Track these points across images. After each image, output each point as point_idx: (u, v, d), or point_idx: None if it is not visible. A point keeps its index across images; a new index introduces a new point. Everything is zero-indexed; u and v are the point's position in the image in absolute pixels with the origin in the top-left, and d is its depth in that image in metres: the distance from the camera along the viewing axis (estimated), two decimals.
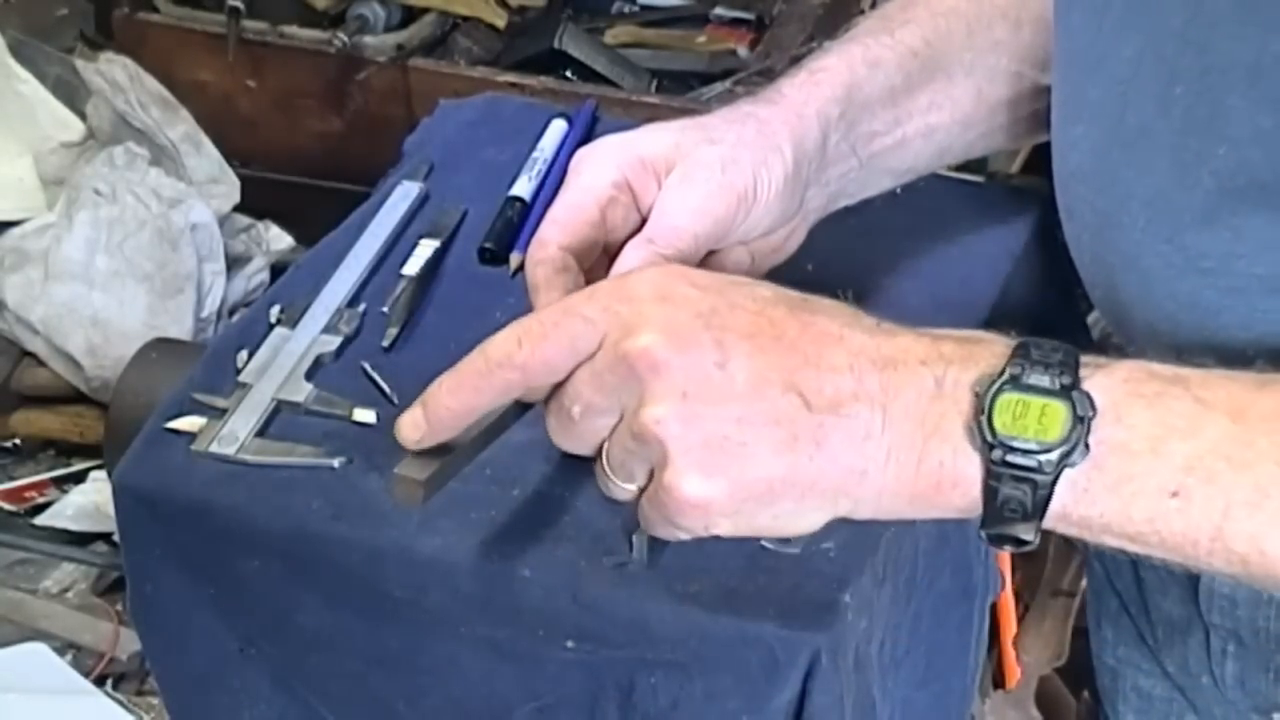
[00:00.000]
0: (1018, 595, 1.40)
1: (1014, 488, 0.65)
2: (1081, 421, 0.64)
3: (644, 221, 0.84)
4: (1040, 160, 0.88)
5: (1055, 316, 1.07)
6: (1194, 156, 0.73)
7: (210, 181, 1.68)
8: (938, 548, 0.95)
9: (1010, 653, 1.30)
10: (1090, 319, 1.07)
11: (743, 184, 0.83)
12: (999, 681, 1.35)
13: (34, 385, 1.60)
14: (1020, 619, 1.52)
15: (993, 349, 0.67)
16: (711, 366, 0.67)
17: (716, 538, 0.69)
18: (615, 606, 0.82)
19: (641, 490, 0.70)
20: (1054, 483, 0.65)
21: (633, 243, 0.82)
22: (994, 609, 1.12)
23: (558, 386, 0.71)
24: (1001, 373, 0.66)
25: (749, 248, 0.87)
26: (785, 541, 0.82)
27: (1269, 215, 0.71)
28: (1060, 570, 1.63)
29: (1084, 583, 1.23)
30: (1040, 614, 1.62)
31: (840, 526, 0.82)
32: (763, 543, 0.82)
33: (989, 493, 0.65)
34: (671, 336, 0.67)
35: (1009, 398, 0.65)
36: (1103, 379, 0.65)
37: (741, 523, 0.68)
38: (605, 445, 0.70)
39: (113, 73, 1.67)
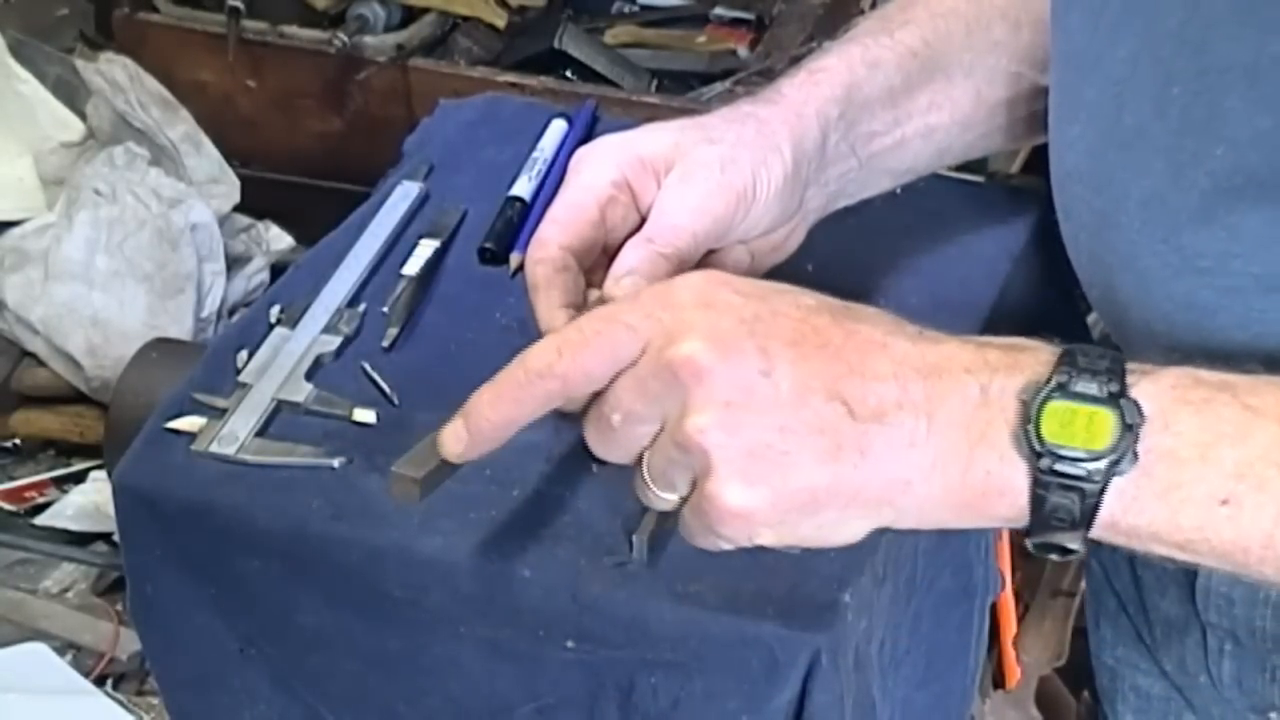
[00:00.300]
0: (1018, 595, 1.40)
1: (1062, 496, 0.64)
2: (1130, 429, 0.64)
3: (643, 221, 0.84)
4: (1040, 160, 0.88)
5: (1055, 316, 1.07)
6: (1190, 157, 0.73)
7: (210, 181, 1.68)
8: (938, 548, 0.95)
9: (1010, 653, 1.30)
10: (1090, 319, 1.06)
11: (742, 183, 0.83)
12: (999, 681, 1.35)
13: (34, 385, 1.60)
14: (1020, 619, 1.52)
15: (1038, 356, 0.67)
16: (756, 374, 0.66)
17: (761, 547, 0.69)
18: (615, 606, 0.82)
19: (683, 500, 0.69)
20: (1102, 491, 0.64)
21: (632, 242, 0.82)
22: (994, 609, 1.12)
23: (597, 394, 0.70)
24: (1048, 380, 0.65)
25: (749, 247, 0.87)
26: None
27: (1266, 214, 0.71)
28: (1060, 570, 1.63)
29: (1084, 583, 1.23)
30: (1040, 614, 1.62)
31: None
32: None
33: (1036, 501, 0.65)
34: (715, 344, 0.66)
35: (1056, 405, 0.64)
36: (1150, 386, 0.65)
37: (785, 532, 0.68)
38: (646, 454, 0.70)
39: (113, 73, 1.67)
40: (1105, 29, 0.77)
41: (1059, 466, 0.64)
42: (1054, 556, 0.66)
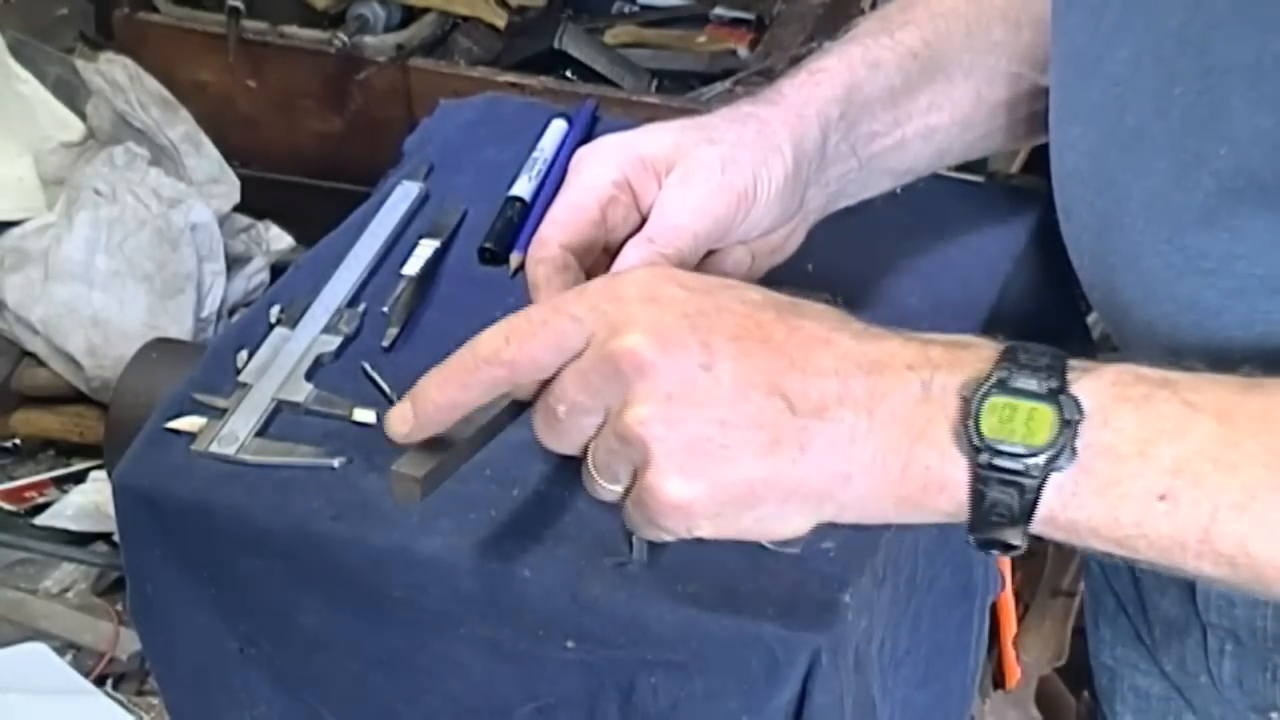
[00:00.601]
0: (1018, 595, 1.40)
1: (1001, 491, 0.65)
2: (1069, 425, 0.64)
3: (644, 221, 0.84)
4: (1040, 160, 0.88)
5: (1055, 316, 1.07)
6: (1193, 157, 0.73)
7: (210, 181, 1.68)
8: (938, 548, 0.95)
9: (1010, 653, 1.30)
10: (1090, 319, 1.06)
11: (742, 183, 0.83)
12: (999, 681, 1.35)
13: (34, 385, 1.61)
14: (1020, 619, 1.52)
15: (980, 353, 0.67)
16: (696, 368, 0.67)
17: (703, 540, 0.69)
18: (615, 606, 0.82)
19: (627, 491, 0.70)
20: (1041, 486, 0.64)
21: (633, 241, 0.82)
22: (994, 609, 1.12)
23: (545, 385, 0.71)
24: (989, 376, 0.65)
25: (749, 247, 0.87)
26: (785, 542, 0.82)
27: (1269, 216, 0.71)
28: (1060, 570, 1.63)
29: (1083, 583, 1.23)
30: (1040, 614, 1.62)
31: (840, 527, 0.82)
32: (762, 542, 0.82)
33: (976, 496, 0.65)
34: (657, 337, 0.67)
35: (996, 401, 0.65)
36: (1090, 382, 0.65)
37: (724, 525, 0.68)
38: (590, 446, 0.71)
39: (113, 73, 1.67)
40: (1106, 30, 0.77)
41: (998, 462, 0.64)
42: (996, 552, 0.66)
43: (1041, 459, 0.64)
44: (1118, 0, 0.77)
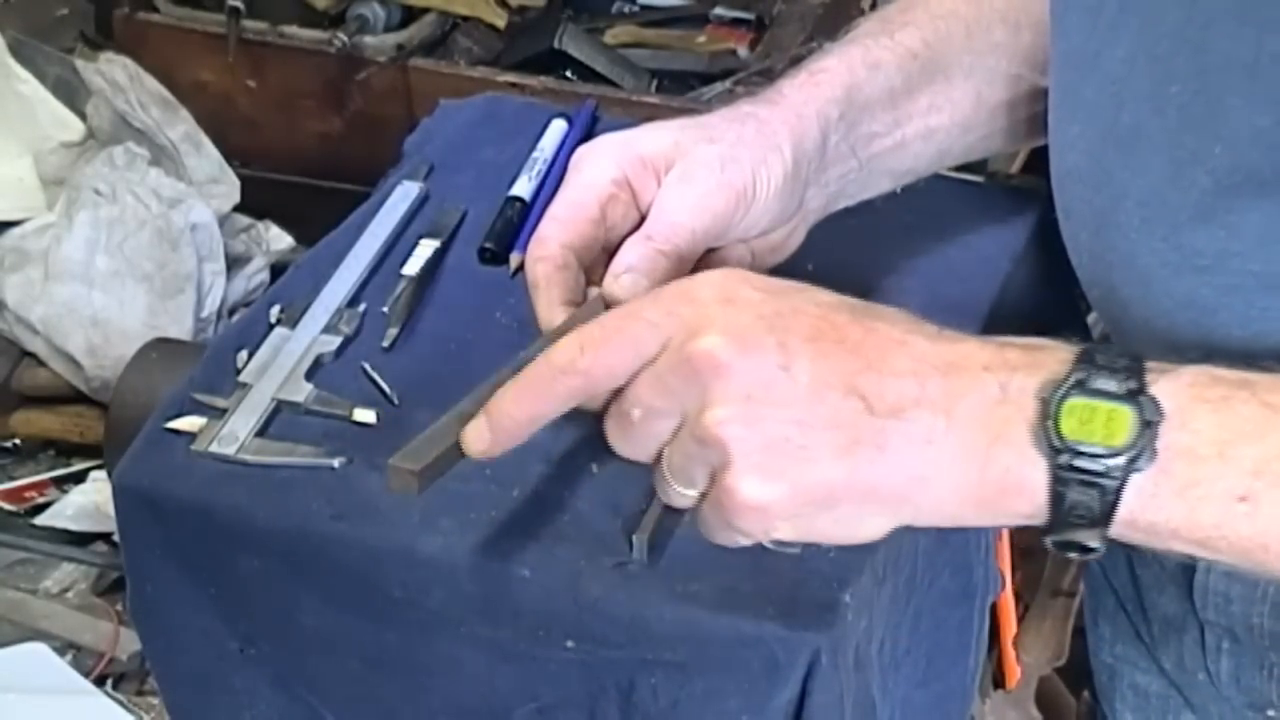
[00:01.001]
0: (1018, 595, 1.40)
1: (1081, 493, 0.64)
2: (1149, 426, 0.64)
3: (644, 219, 0.84)
4: (1039, 160, 0.88)
5: (1055, 316, 1.07)
6: (1190, 155, 0.73)
7: (210, 181, 1.68)
8: (938, 548, 0.95)
9: (1010, 653, 1.30)
10: (1090, 319, 1.06)
11: (742, 182, 0.83)
12: (999, 681, 1.35)
13: (34, 385, 1.61)
14: (1020, 619, 1.52)
15: (1057, 355, 0.67)
16: (775, 369, 0.66)
17: (780, 543, 0.69)
18: (615, 606, 0.82)
19: (702, 496, 0.70)
20: (1121, 488, 0.64)
21: (631, 239, 0.82)
22: (994, 609, 1.12)
23: (617, 391, 0.70)
24: (1067, 378, 0.65)
25: (749, 245, 0.88)
26: (786, 542, 0.82)
27: (1265, 212, 0.71)
28: (1060, 570, 1.63)
29: (1083, 582, 1.23)
30: (1040, 614, 1.62)
31: None
32: (762, 542, 0.82)
33: (1056, 498, 0.65)
34: (735, 339, 0.67)
35: (1075, 402, 0.65)
36: (1168, 384, 0.65)
37: (802, 526, 0.68)
38: (665, 450, 0.70)
39: (113, 73, 1.67)
40: (1103, 28, 0.77)
41: (1078, 463, 0.64)
42: (1074, 555, 0.66)
43: (1122, 460, 0.64)
44: (1114, 0, 0.77)
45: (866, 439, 0.66)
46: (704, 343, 0.67)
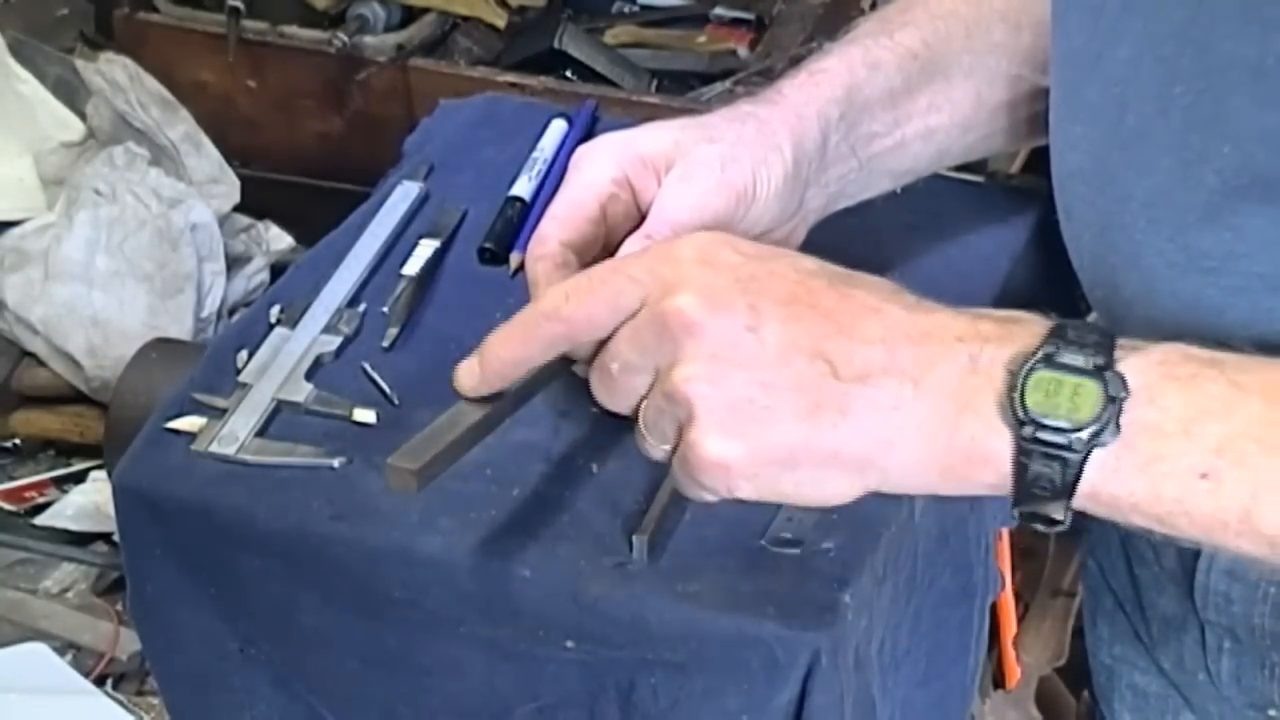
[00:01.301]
0: (1018, 595, 1.40)
1: (1044, 465, 0.65)
2: (1113, 401, 0.65)
3: (644, 219, 0.84)
4: (1040, 160, 0.88)
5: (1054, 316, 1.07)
6: (1196, 156, 0.73)
7: (210, 181, 1.68)
8: (938, 548, 0.95)
9: (1010, 653, 1.30)
10: (1090, 319, 1.06)
11: (742, 182, 0.83)
12: (999, 681, 1.34)
13: (34, 385, 1.61)
14: (1020, 619, 1.52)
15: (1030, 328, 0.68)
16: (743, 330, 0.68)
17: (740, 500, 0.71)
18: (615, 606, 0.82)
19: (674, 451, 0.71)
20: (1084, 461, 0.65)
21: (631, 238, 0.82)
22: (994, 609, 1.11)
23: (602, 344, 0.73)
24: (1036, 351, 0.66)
25: None
26: (786, 542, 0.82)
27: (1271, 214, 0.71)
28: (1060, 570, 1.63)
29: (1081, 581, 1.23)
30: (1040, 614, 1.62)
31: (840, 526, 0.82)
32: (763, 542, 0.83)
33: (1019, 469, 0.66)
34: (707, 298, 0.68)
35: (1042, 375, 0.65)
36: (1138, 360, 0.66)
37: (763, 486, 0.69)
38: (641, 405, 0.72)
39: (113, 73, 1.67)
40: (1105, 29, 0.77)
41: (1042, 435, 0.65)
42: (1040, 527, 0.67)
43: (1085, 434, 0.64)
44: (1116, 0, 0.77)
45: (829, 403, 0.67)
46: (677, 301, 0.69)
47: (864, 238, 0.96)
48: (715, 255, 0.71)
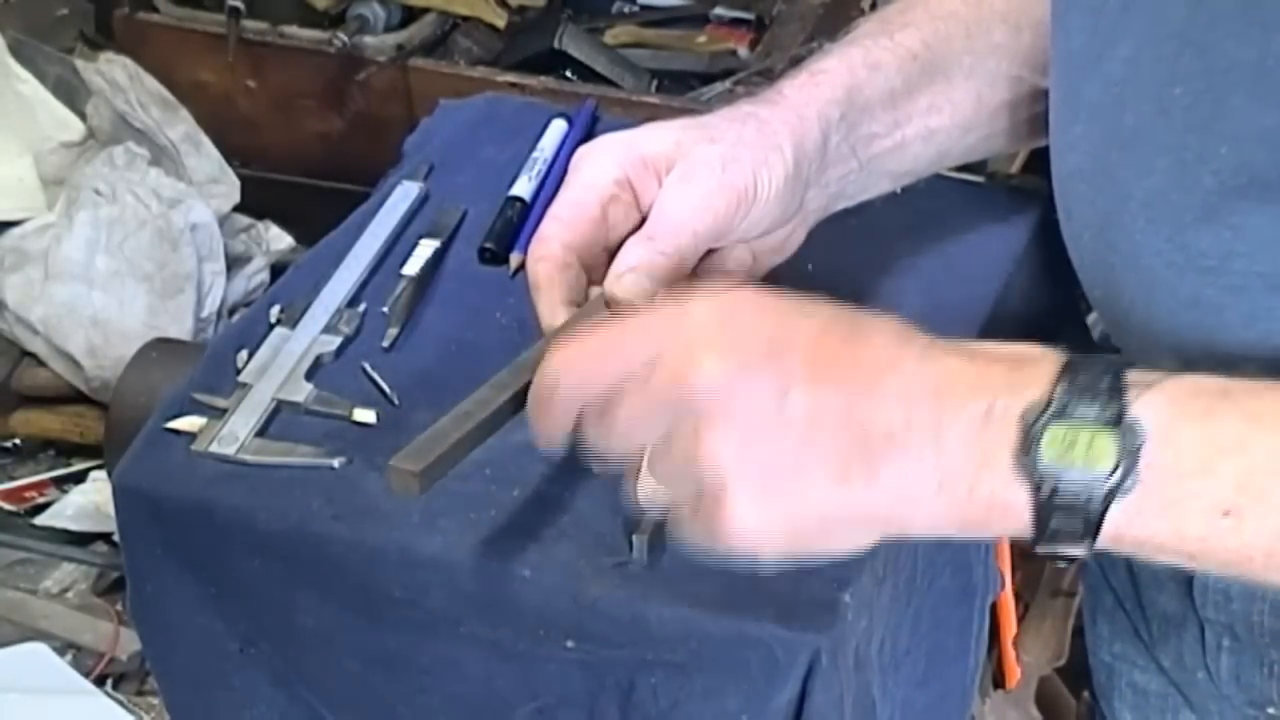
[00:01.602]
0: (1018, 595, 1.40)
1: (1064, 518, 0.65)
2: (1130, 452, 0.64)
3: (644, 220, 0.84)
4: (1040, 160, 0.88)
5: (1055, 316, 1.07)
6: (1194, 156, 0.73)
7: (210, 181, 1.68)
8: (938, 548, 0.95)
9: (1010, 653, 1.30)
10: (1090, 319, 1.06)
11: (743, 183, 0.83)
12: (999, 681, 1.34)
13: (34, 385, 1.60)
14: (1020, 619, 1.52)
15: (1040, 372, 0.66)
16: (769, 396, 0.66)
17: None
18: (615, 606, 0.82)
19: (680, 506, 0.70)
20: (1104, 511, 0.65)
21: (633, 239, 0.82)
22: (994, 609, 1.11)
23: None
24: (1048, 404, 0.65)
25: (750, 246, 0.88)
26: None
27: (1270, 213, 0.71)
28: (1060, 570, 1.63)
29: (1081, 580, 1.23)
30: (1040, 614, 1.62)
31: None
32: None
33: (1039, 520, 0.66)
34: (731, 364, 0.67)
35: (1056, 431, 0.65)
36: (1150, 400, 0.65)
37: (791, 549, 0.69)
38: (650, 458, 0.70)
39: (113, 73, 1.67)
40: (1104, 29, 0.77)
41: (1061, 488, 0.65)
42: (1061, 563, 0.67)
43: (1105, 486, 0.64)
44: (1116, 0, 0.77)
45: (858, 466, 0.66)
46: (701, 367, 0.67)
47: (864, 238, 0.96)
48: (732, 315, 0.69)
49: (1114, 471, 0.64)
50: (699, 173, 0.83)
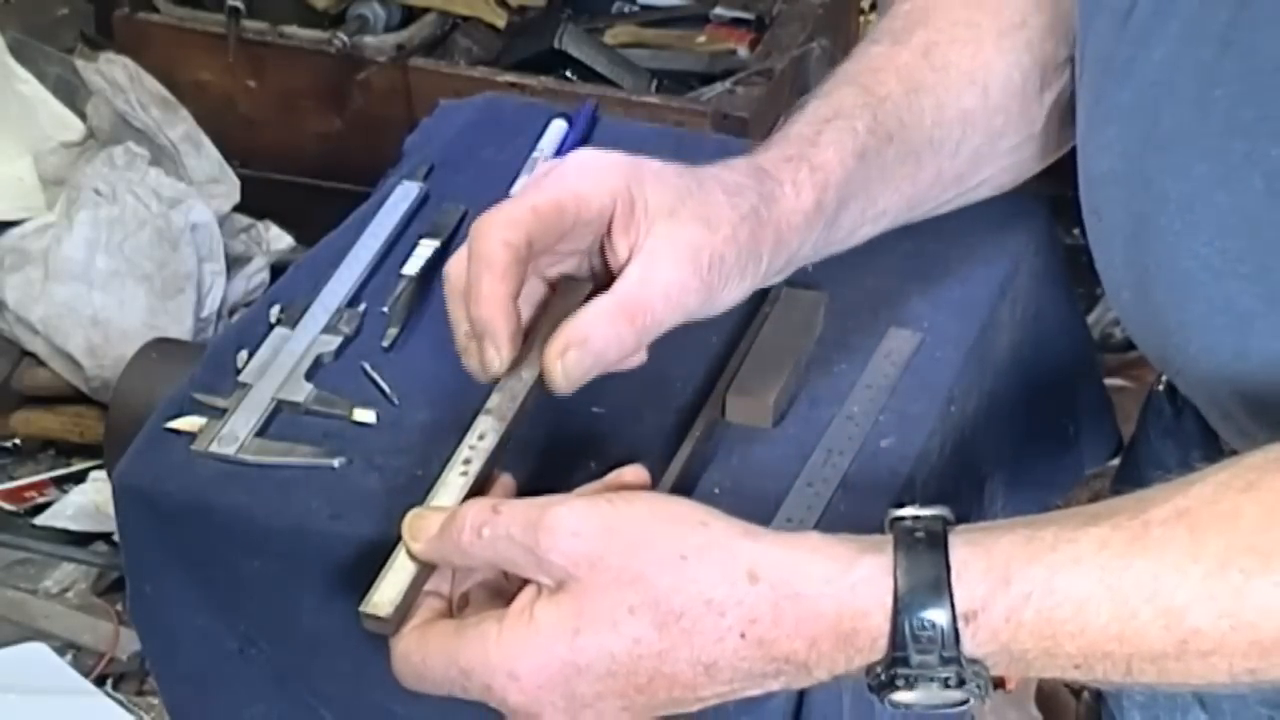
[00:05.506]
0: None
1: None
2: (978, 691, 0.71)
3: (603, 253, 0.81)
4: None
5: (1055, 316, 1.07)
6: (1242, 159, 0.72)
7: (210, 181, 1.68)
8: None
9: None
10: (1090, 319, 1.06)
11: (719, 284, 0.81)
12: (999, 681, 1.34)
13: (34, 385, 1.61)
14: None
15: (871, 627, 0.69)
16: None
17: None
18: None
19: None
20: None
21: (601, 308, 0.79)
22: None
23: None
24: (886, 675, 0.69)
25: None
26: None
27: None
28: None
29: None
30: None
31: (839, 526, 0.81)
32: None
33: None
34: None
35: (900, 698, 0.70)
36: (985, 632, 0.69)
37: None
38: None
39: (113, 73, 1.67)
40: (1134, 31, 0.77)
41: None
42: None
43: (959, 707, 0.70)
44: (1146, 2, 0.76)
45: None
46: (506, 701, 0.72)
47: (865, 243, 0.96)
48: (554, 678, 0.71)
49: (964, 701, 0.71)
50: (686, 268, 0.80)
